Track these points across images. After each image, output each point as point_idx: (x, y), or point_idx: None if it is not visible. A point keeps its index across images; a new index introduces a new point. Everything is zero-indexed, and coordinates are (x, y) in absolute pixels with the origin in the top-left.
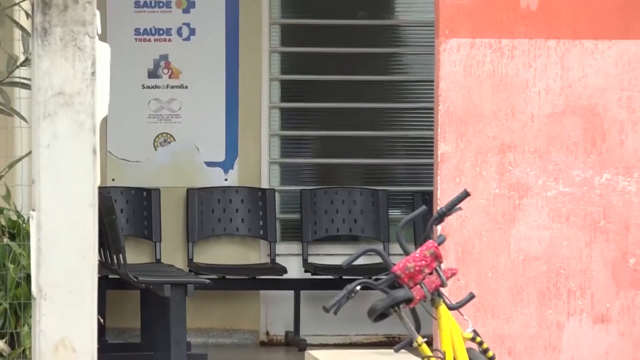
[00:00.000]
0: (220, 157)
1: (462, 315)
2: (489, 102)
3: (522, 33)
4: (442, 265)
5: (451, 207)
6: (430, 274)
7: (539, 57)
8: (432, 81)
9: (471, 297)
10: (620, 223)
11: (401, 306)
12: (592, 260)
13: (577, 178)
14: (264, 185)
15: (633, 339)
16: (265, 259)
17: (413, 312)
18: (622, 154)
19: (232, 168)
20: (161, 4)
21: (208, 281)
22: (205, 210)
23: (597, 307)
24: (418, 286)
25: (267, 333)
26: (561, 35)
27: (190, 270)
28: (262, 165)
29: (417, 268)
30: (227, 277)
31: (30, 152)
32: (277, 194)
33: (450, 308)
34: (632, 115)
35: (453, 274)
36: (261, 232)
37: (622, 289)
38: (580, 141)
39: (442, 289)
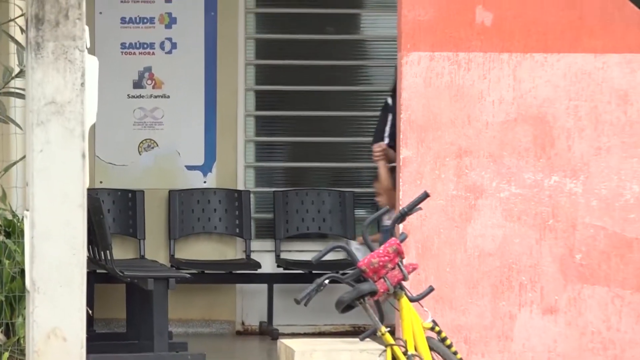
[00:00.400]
0: (200, 161)
1: (422, 306)
2: (447, 110)
3: (477, 47)
4: (404, 261)
5: (412, 207)
6: (393, 268)
7: (493, 69)
8: (394, 91)
9: (430, 290)
10: (568, 222)
11: (366, 298)
12: (541, 256)
13: (528, 180)
14: (240, 187)
15: (579, 329)
16: (241, 255)
17: (377, 303)
18: (569, 159)
19: (210, 171)
20: (145, 20)
21: (188, 275)
22: (186, 210)
23: (546, 299)
24: (382, 280)
25: (243, 323)
26: (513, 49)
27: (172, 266)
28: (238, 169)
29: (380, 263)
30: (205, 271)
31: (24, 157)
32: (252, 195)
33: (411, 300)
34: (579, 123)
35: (414, 269)
36: (237, 230)
37: (569, 283)
38: (531, 147)
39: (403, 283)
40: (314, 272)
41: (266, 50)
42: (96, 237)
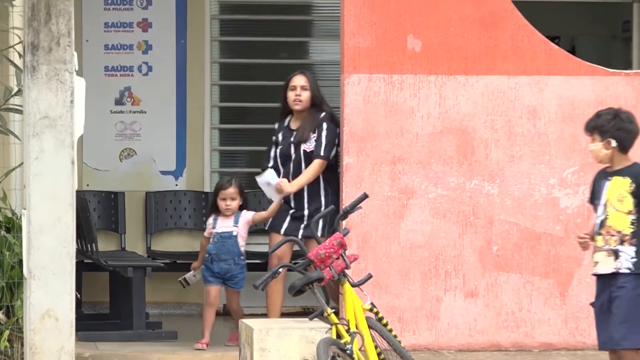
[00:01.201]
0: (172, 167)
1: (362, 291)
2: (382, 124)
3: (408, 70)
4: (347, 252)
5: (353, 207)
6: (337, 259)
7: (422, 88)
8: (339, 108)
9: (369, 277)
10: (486, 219)
11: (314, 284)
12: (463, 248)
13: (452, 183)
14: (207, 189)
15: (495, 310)
16: None
17: (324, 288)
18: (487, 165)
19: (181, 176)
20: (125, 47)
21: (162, 264)
22: (160, 209)
23: (468, 285)
24: (328, 268)
25: None
26: (439, 71)
27: (148, 256)
28: (204, 174)
29: (327, 254)
30: (177, 261)
31: (22, 163)
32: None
33: (353, 285)
34: (495, 135)
35: (355, 259)
36: (204, 226)
37: (487, 271)
38: (454, 155)
39: (346, 271)
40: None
41: (228, 72)
42: (84, 232)
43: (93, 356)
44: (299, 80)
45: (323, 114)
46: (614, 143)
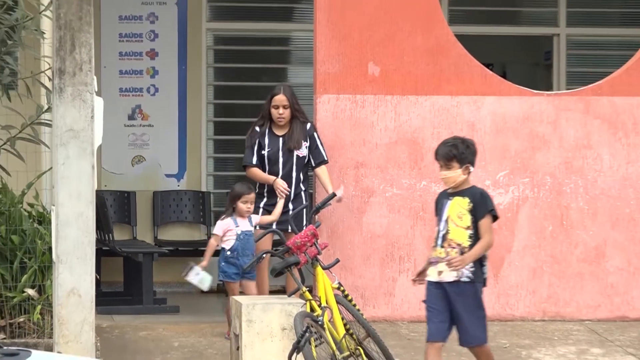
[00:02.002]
0: (175, 171)
1: (331, 272)
2: (348, 135)
3: (369, 91)
4: (318, 241)
5: (324, 204)
6: (311, 246)
7: (380, 107)
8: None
9: (337, 261)
10: (432, 213)
11: (292, 267)
12: (414, 237)
13: (405, 184)
14: (203, 189)
15: None
16: (204, 237)
17: (300, 271)
18: (433, 169)
19: (182, 178)
20: (136, 72)
21: (167, 251)
22: (165, 205)
23: (418, 268)
24: (303, 254)
25: None
26: (395, 92)
27: (155, 244)
28: (202, 177)
29: (302, 242)
30: (179, 248)
31: (51, 168)
32: (211, 195)
33: (324, 268)
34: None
35: (325, 247)
36: (201, 219)
37: None
38: (407, 161)
39: (318, 256)
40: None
41: (221, 93)
42: (102, 224)
43: (110, 326)
44: (280, 100)
45: (309, 124)
46: (471, 168)
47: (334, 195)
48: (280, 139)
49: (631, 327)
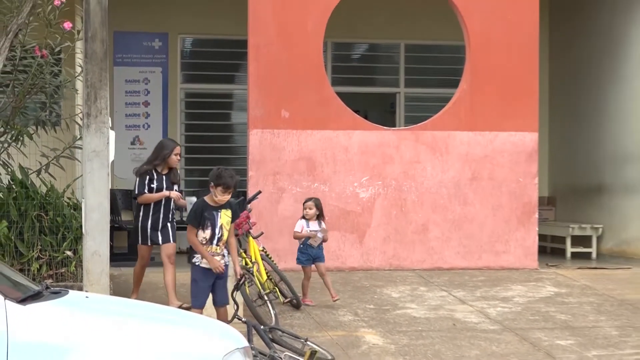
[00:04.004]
0: None
1: (258, 240)
2: (268, 155)
3: (282, 127)
4: (250, 220)
5: (254, 197)
6: (246, 224)
7: (288, 137)
8: (246, 147)
9: (261, 233)
10: (323, 203)
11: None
12: None
13: (304, 185)
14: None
15: (329, 251)
16: (178, 218)
17: (239, 239)
18: (322, 176)
19: None
20: (136, 115)
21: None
22: None
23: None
24: (241, 229)
25: (179, 248)
26: (298, 128)
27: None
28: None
29: (240, 222)
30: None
31: (81, 175)
32: (184, 191)
33: (253, 237)
34: (326, 160)
35: (254, 224)
36: (176, 206)
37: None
38: (305, 170)
39: (250, 230)
40: None
41: (189, 128)
42: (114, 210)
43: (119, 275)
44: (178, 149)
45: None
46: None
47: (260, 192)
48: (165, 177)
49: (444, 274)
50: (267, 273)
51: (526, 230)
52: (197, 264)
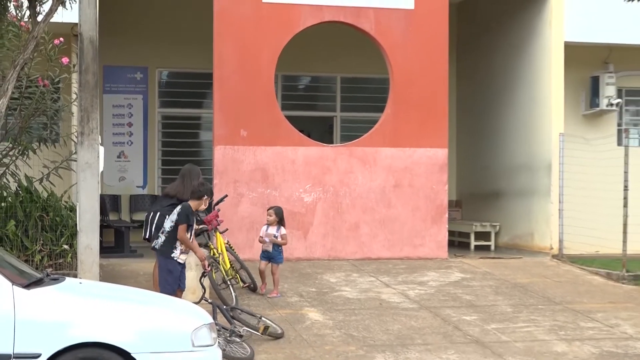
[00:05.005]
0: (141, 184)
1: (224, 235)
2: (230, 167)
3: (241, 144)
4: (218, 219)
5: (220, 200)
6: (214, 221)
7: (246, 152)
8: (212, 160)
9: (226, 230)
10: (268, 205)
11: (205, 232)
12: (263, 218)
13: (259, 191)
14: (156, 193)
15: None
16: None
17: (208, 234)
18: (274, 183)
19: (145, 188)
20: (121, 134)
21: (136, 225)
22: (136, 201)
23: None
24: (210, 225)
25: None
26: (255, 144)
27: (131, 222)
28: (155, 187)
29: (209, 219)
30: (142, 225)
31: (76, 183)
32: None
33: (220, 232)
34: (277, 170)
35: (221, 221)
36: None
37: (282, 227)
38: (260, 179)
39: (217, 226)
40: None
41: (165, 144)
42: (103, 211)
43: (107, 264)
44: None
45: None
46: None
47: (226, 195)
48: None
49: (372, 263)
50: (230, 262)
51: (438, 228)
52: (175, 258)
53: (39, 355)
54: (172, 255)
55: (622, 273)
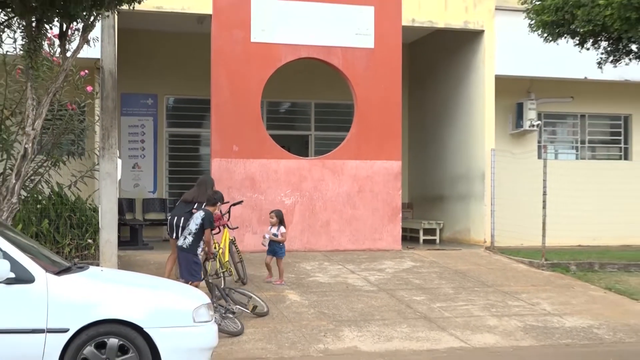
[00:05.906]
0: (152, 189)
1: (233, 230)
2: (225, 176)
3: (234, 157)
4: (226, 217)
5: (236, 203)
6: (222, 218)
7: (238, 164)
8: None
9: (236, 227)
10: (260, 208)
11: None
12: (254, 217)
13: (249, 195)
14: (164, 197)
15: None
16: (163, 217)
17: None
18: (260, 189)
19: (155, 192)
20: (136, 149)
21: (148, 223)
22: (148, 204)
23: (258, 230)
24: (219, 223)
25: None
26: (245, 157)
27: (144, 220)
28: (163, 192)
29: (218, 217)
30: (153, 222)
31: (98, 189)
32: (167, 200)
33: (230, 229)
34: (263, 178)
35: (228, 220)
36: (163, 210)
37: (261, 225)
38: (250, 185)
39: (228, 223)
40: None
41: (172, 159)
42: (120, 212)
43: (124, 255)
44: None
45: None
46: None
47: (242, 201)
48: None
49: (340, 254)
50: (230, 254)
51: (394, 225)
52: (198, 254)
53: (67, 330)
54: (198, 251)
55: (542, 262)
